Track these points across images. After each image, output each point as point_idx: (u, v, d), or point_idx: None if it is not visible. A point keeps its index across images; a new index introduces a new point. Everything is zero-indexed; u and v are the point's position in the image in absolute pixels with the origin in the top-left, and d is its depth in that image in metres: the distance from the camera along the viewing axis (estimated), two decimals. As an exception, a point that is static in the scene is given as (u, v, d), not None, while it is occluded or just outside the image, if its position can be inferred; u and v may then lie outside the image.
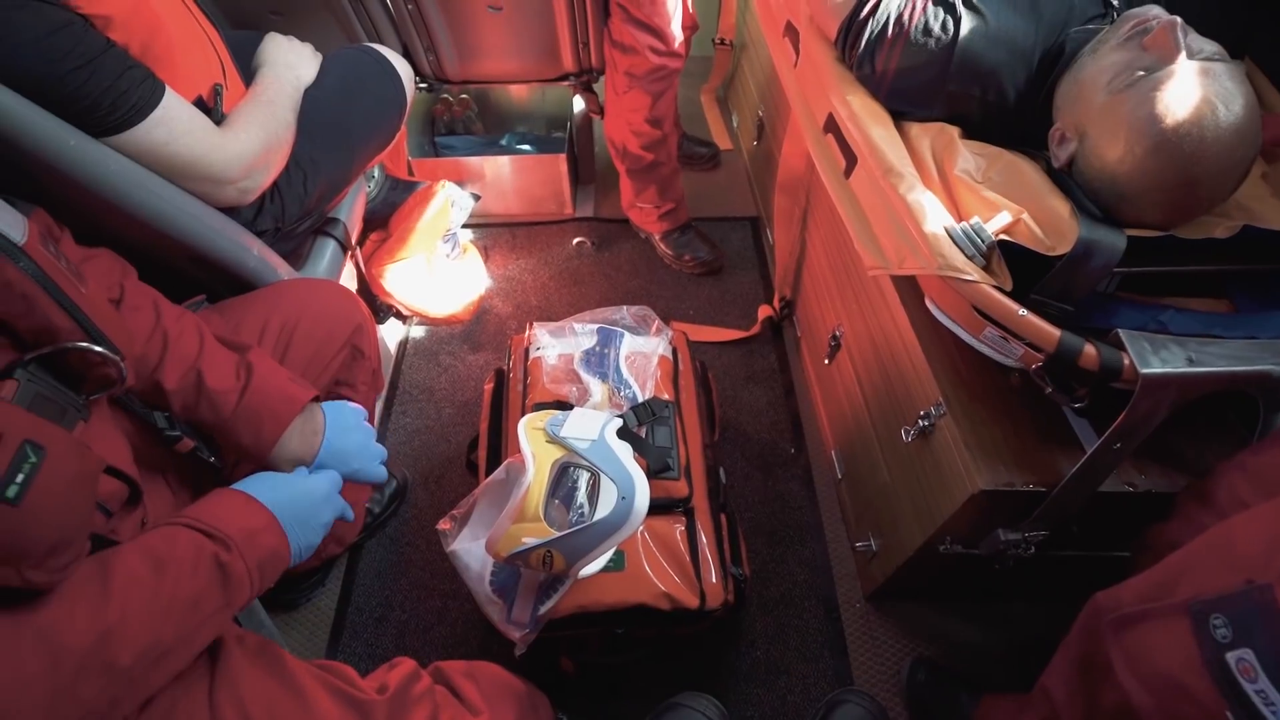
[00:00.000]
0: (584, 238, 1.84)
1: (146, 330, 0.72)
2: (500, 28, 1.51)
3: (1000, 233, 0.74)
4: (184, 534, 0.59)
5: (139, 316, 0.72)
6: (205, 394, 0.73)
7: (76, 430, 0.59)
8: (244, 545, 0.61)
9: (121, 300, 0.72)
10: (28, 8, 0.70)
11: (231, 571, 0.60)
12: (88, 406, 0.61)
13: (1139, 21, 0.77)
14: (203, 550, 0.59)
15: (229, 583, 0.59)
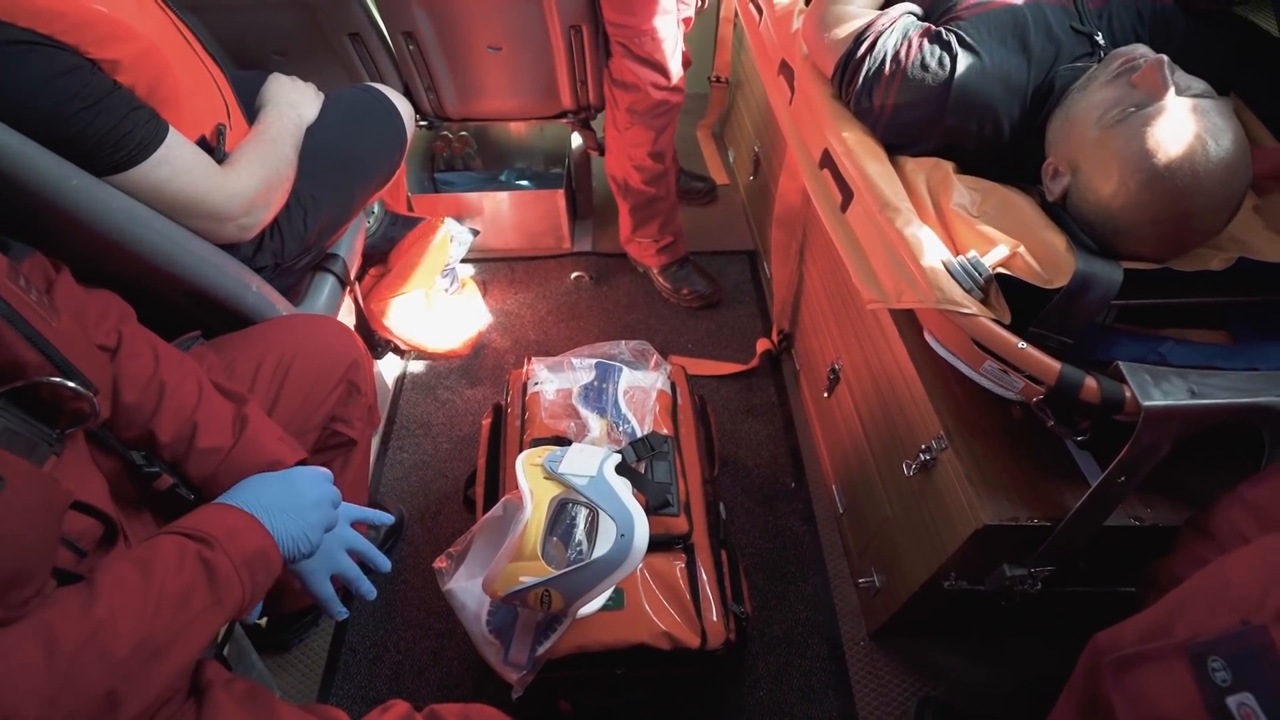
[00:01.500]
0: (582, 272, 1.85)
1: (144, 378, 0.71)
2: (500, 67, 1.54)
3: (997, 266, 0.75)
4: (166, 539, 0.58)
5: (137, 364, 0.71)
6: (195, 450, 0.73)
7: (47, 464, 0.58)
8: (227, 542, 0.60)
9: (120, 347, 0.71)
10: (38, 51, 0.71)
11: (217, 567, 0.58)
12: (62, 441, 0.60)
13: (1127, 59, 0.78)
14: (186, 549, 0.58)
15: (215, 578, 0.58)
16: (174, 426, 0.72)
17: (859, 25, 0.93)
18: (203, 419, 0.73)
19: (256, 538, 0.63)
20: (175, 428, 0.72)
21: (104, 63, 0.77)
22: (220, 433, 0.74)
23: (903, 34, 0.89)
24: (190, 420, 0.72)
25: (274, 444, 0.77)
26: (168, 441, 0.71)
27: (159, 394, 0.72)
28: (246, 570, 0.61)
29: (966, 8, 0.91)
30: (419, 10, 1.39)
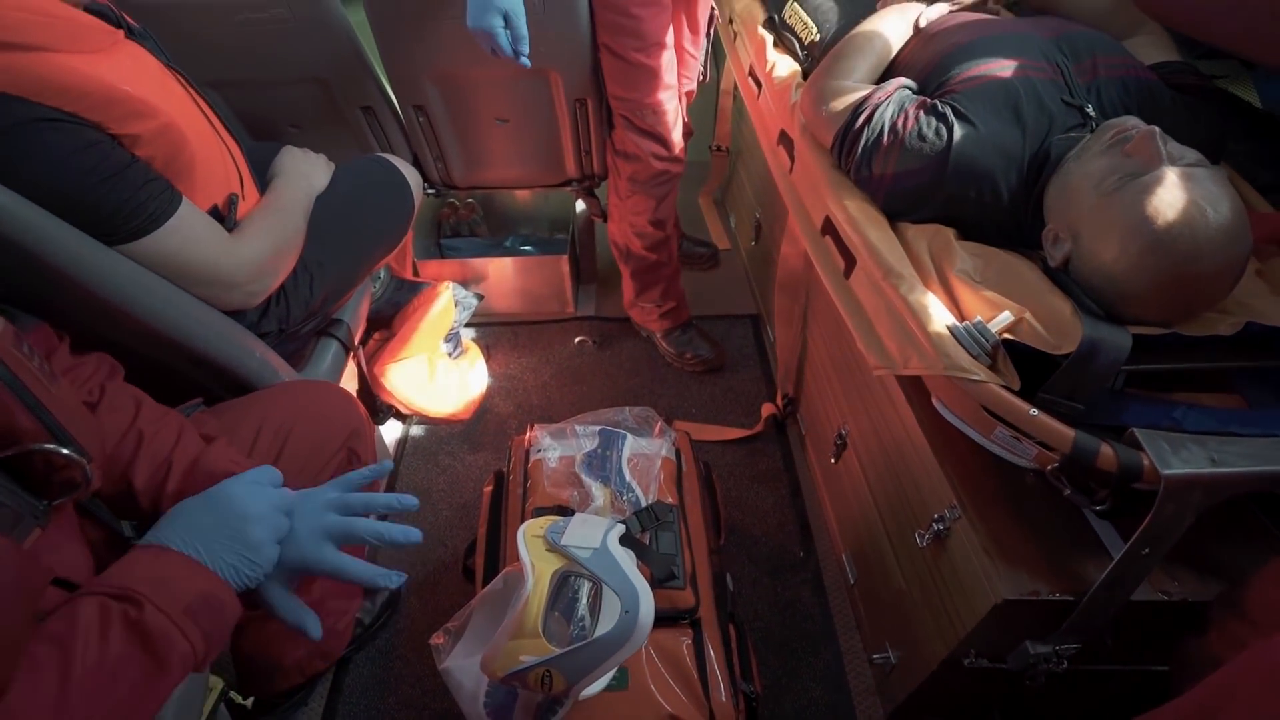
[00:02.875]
0: (585, 336, 1.86)
1: (122, 428, 0.70)
2: (507, 138, 1.58)
3: (1004, 331, 0.74)
4: (86, 603, 0.52)
5: (116, 416, 0.70)
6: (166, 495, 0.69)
7: (31, 538, 0.56)
8: (157, 594, 0.53)
9: (100, 400, 0.70)
10: (61, 128, 0.73)
11: (150, 627, 0.52)
12: (48, 513, 0.58)
13: (1119, 130, 0.80)
14: (109, 613, 0.52)
15: (150, 640, 0.52)
16: (149, 470, 0.69)
17: (856, 98, 0.96)
18: (178, 457, 0.71)
19: (195, 580, 0.57)
20: (150, 471, 0.69)
21: (124, 137, 0.79)
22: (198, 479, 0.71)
23: (899, 106, 0.92)
24: (166, 461, 0.70)
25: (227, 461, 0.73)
26: (143, 487, 0.69)
27: (137, 442, 0.70)
28: (189, 620, 0.54)
29: (959, 81, 0.94)
30: (430, 85, 1.44)
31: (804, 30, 1.32)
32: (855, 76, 1.03)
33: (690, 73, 1.61)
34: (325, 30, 1.27)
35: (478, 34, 1.13)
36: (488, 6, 1.09)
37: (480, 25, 1.11)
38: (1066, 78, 0.92)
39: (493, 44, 1.13)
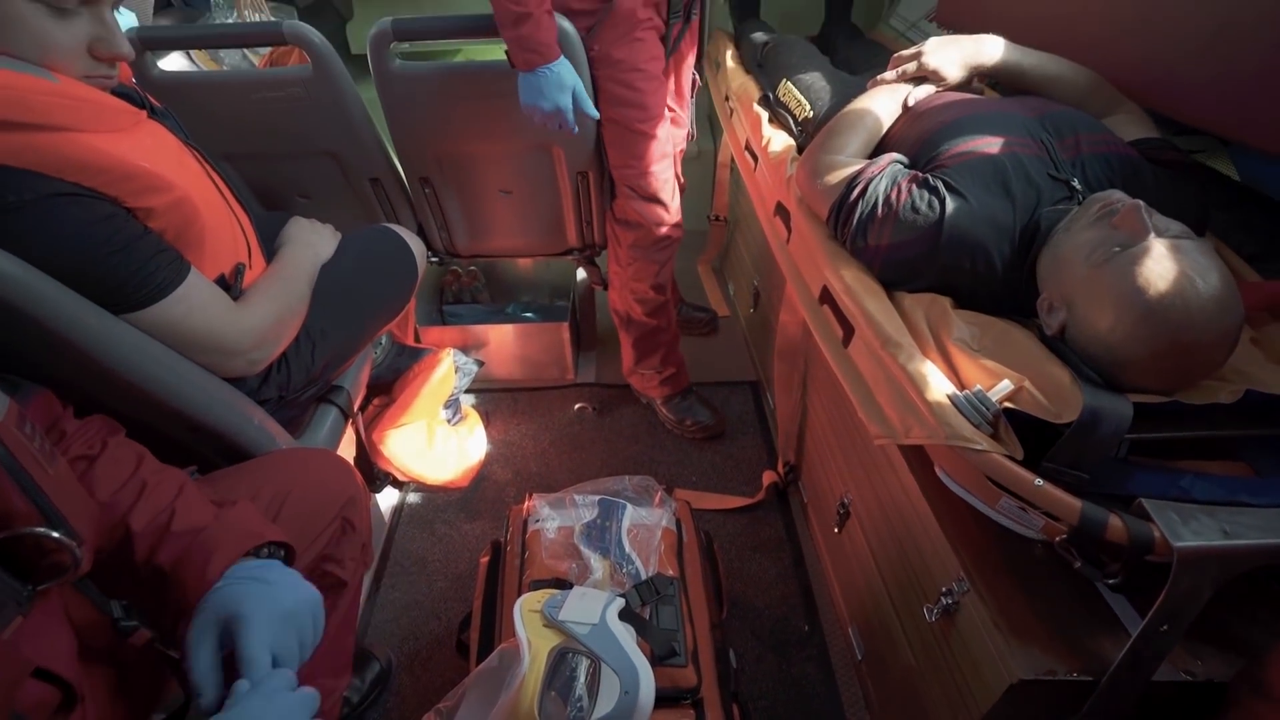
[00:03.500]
0: (585, 403, 1.86)
1: (124, 477, 0.69)
2: (510, 209, 1.62)
3: (1004, 401, 0.74)
4: None
5: (118, 468, 0.69)
6: (170, 534, 0.68)
7: (11, 627, 0.54)
8: None
9: (102, 453, 0.69)
10: (79, 202, 0.75)
11: None
12: (32, 599, 0.56)
13: (1105, 204, 0.82)
14: None
15: None
16: (149, 515, 0.67)
17: (850, 172, 0.99)
18: (181, 506, 0.69)
19: None
20: (150, 516, 0.68)
21: (139, 210, 0.81)
22: (200, 515, 0.70)
23: (892, 180, 0.95)
24: (169, 508, 0.69)
25: (256, 521, 0.72)
26: (141, 529, 0.67)
27: (139, 490, 0.69)
28: None
29: (949, 157, 0.97)
30: (436, 159, 1.49)
31: (798, 107, 1.37)
32: (848, 152, 1.06)
33: (681, 133, 1.67)
34: (338, 107, 1.33)
35: (547, 115, 1.21)
36: (561, 85, 1.19)
37: (557, 104, 1.20)
38: (1051, 154, 0.95)
39: (561, 120, 1.22)
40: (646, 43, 1.32)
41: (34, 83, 0.70)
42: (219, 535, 0.69)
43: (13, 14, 0.70)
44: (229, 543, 0.69)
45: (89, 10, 0.75)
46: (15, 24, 0.71)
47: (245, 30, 1.44)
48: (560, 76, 1.19)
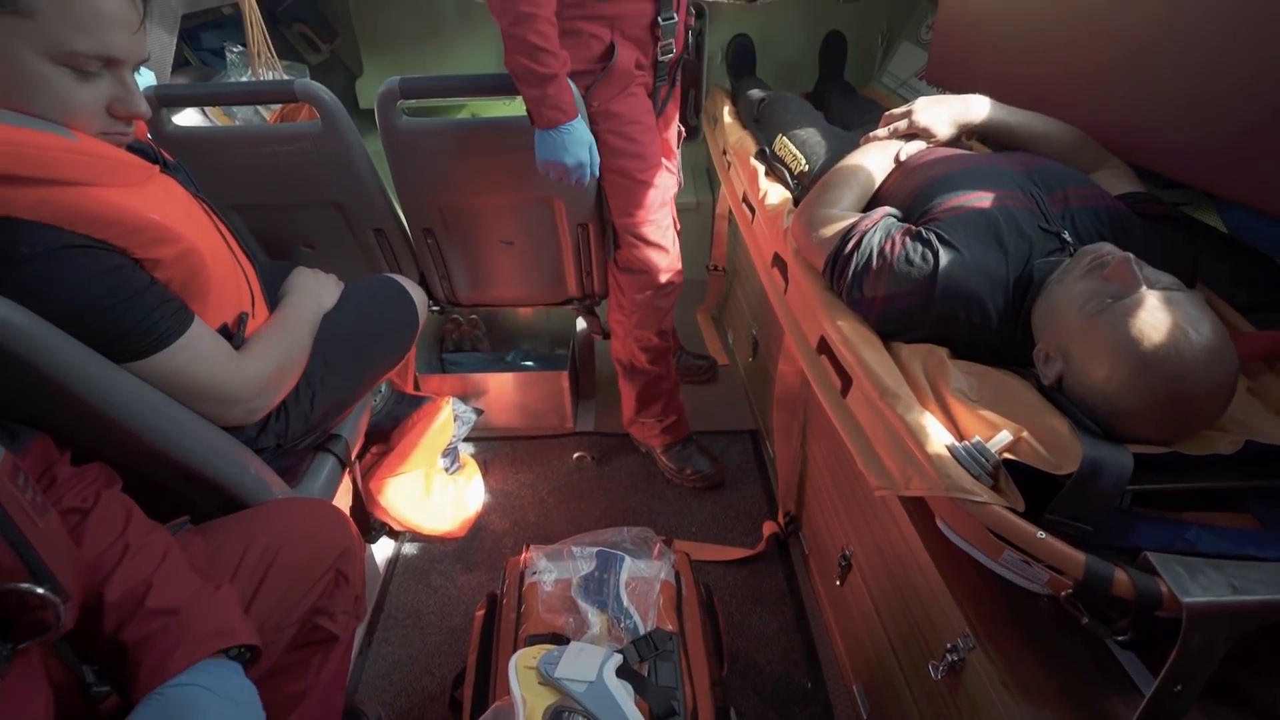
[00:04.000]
0: (584, 452, 1.85)
1: (111, 537, 0.68)
2: (511, 259, 1.65)
3: (1003, 451, 0.74)
4: None
5: (107, 525, 0.68)
6: (143, 610, 0.66)
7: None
8: None
9: (94, 508, 0.69)
10: (88, 253, 0.76)
11: None
12: (11, 659, 0.54)
13: (1095, 256, 0.84)
14: None
15: None
16: (125, 586, 0.66)
17: (845, 225, 1.01)
18: (160, 578, 0.67)
19: None
20: (127, 587, 0.66)
21: (146, 261, 0.82)
22: (177, 592, 0.68)
23: (885, 233, 0.96)
24: (146, 580, 0.67)
25: (231, 616, 0.70)
26: (114, 600, 0.65)
27: (121, 554, 0.67)
28: None
29: (941, 210, 0.99)
30: (440, 211, 1.52)
31: (793, 161, 1.41)
32: (843, 205, 1.09)
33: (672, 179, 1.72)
34: (345, 161, 1.36)
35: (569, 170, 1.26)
36: (582, 142, 1.24)
37: (580, 159, 1.25)
38: (1041, 207, 0.97)
39: (580, 175, 1.26)
40: (639, 97, 1.40)
41: (54, 141, 0.73)
42: (189, 625, 0.67)
43: (37, 76, 0.73)
44: (198, 637, 0.66)
45: (110, 72, 0.78)
46: (39, 85, 0.73)
47: (258, 88, 1.48)
48: (581, 133, 1.24)
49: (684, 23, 1.41)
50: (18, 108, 0.73)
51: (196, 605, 0.68)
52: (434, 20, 2.23)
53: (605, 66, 1.31)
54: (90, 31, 0.73)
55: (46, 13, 0.70)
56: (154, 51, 1.49)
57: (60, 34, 0.72)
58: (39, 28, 0.71)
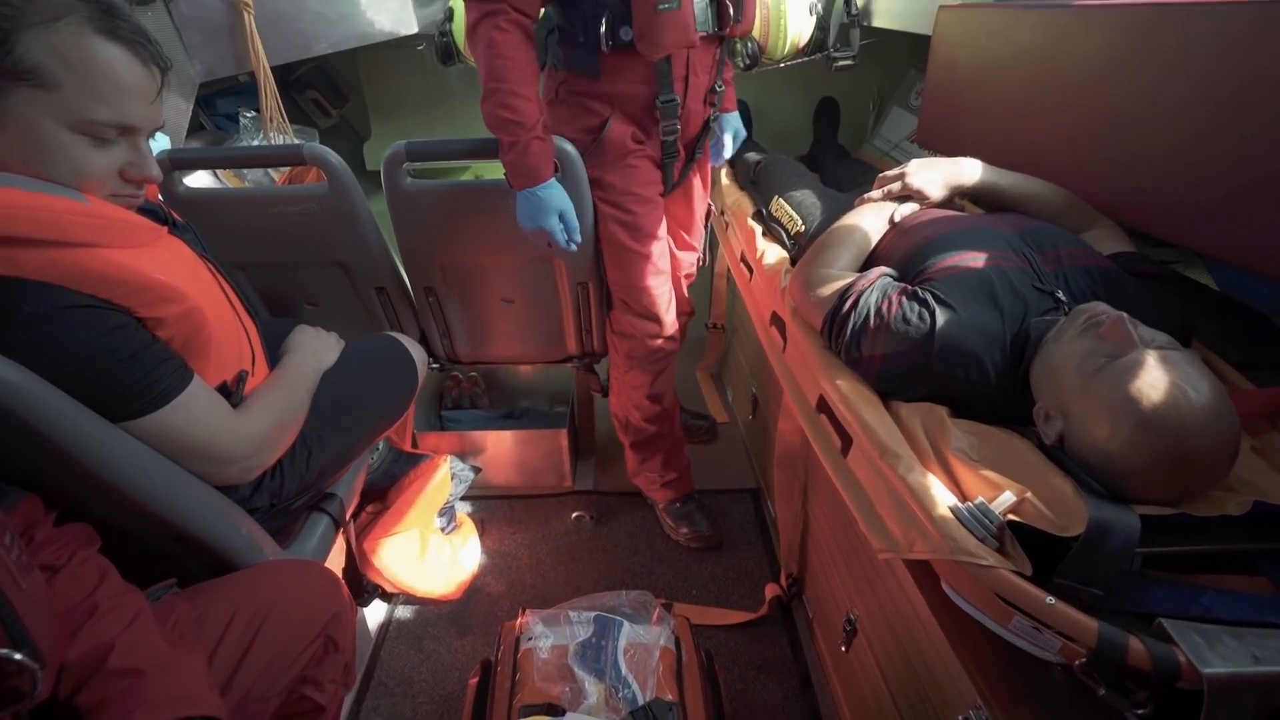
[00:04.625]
0: (583, 511, 1.82)
1: (78, 598, 0.66)
2: (511, 317, 1.66)
3: (1008, 513, 0.72)
4: None
5: (74, 585, 0.67)
6: (104, 670, 0.63)
7: None
8: None
9: (64, 567, 0.67)
10: (91, 313, 0.77)
11: None
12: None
13: (1090, 315, 0.84)
14: None
15: None
16: (87, 646, 0.63)
17: (842, 285, 1.02)
18: (124, 640, 0.65)
19: None
20: (89, 647, 0.63)
21: (149, 320, 0.83)
22: (142, 655, 0.65)
23: (882, 292, 0.97)
24: (110, 642, 0.64)
25: (193, 685, 0.66)
26: (75, 660, 0.62)
27: (88, 614, 0.65)
28: None
29: (936, 270, 1.00)
30: (442, 269, 1.54)
31: (790, 222, 1.44)
32: (839, 265, 1.10)
33: (689, 258, 1.73)
34: (350, 222, 1.39)
35: (536, 233, 1.27)
36: (547, 209, 1.24)
37: (541, 225, 1.26)
38: (1034, 266, 0.98)
39: (550, 240, 1.27)
40: (640, 169, 1.40)
41: (66, 205, 0.74)
42: (151, 689, 0.64)
43: (55, 142, 0.75)
44: (158, 702, 0.64)
45: (126, 139, 0.80)
46: (56, 152, 0.75)
47: (268, 152, 1.53)
48: (546, 200, 1.24)
49: (701, 103, 1.41)
50: (33, 173, 0.75)
51: (160, 669, 0.66)
52: (441, 87, 2.32)
53: (597, 139, 1.35)
54: (110, 102, 0.76)
55: (69, 85, 0.73)
56: (170, 117, 1.54)
57: (81, 104, 0.74)
58: (60, 98, 0.73)
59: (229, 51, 1.64)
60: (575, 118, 1.37)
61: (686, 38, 1.23)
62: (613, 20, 1.22)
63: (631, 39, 1.22)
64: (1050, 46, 1.25)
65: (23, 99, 0.72)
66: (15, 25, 0.70)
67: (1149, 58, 1.05)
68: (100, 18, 0.75)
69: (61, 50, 0.72)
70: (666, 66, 1.29)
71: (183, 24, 1.52)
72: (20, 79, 0.71)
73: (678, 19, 1.20)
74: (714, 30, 1.29)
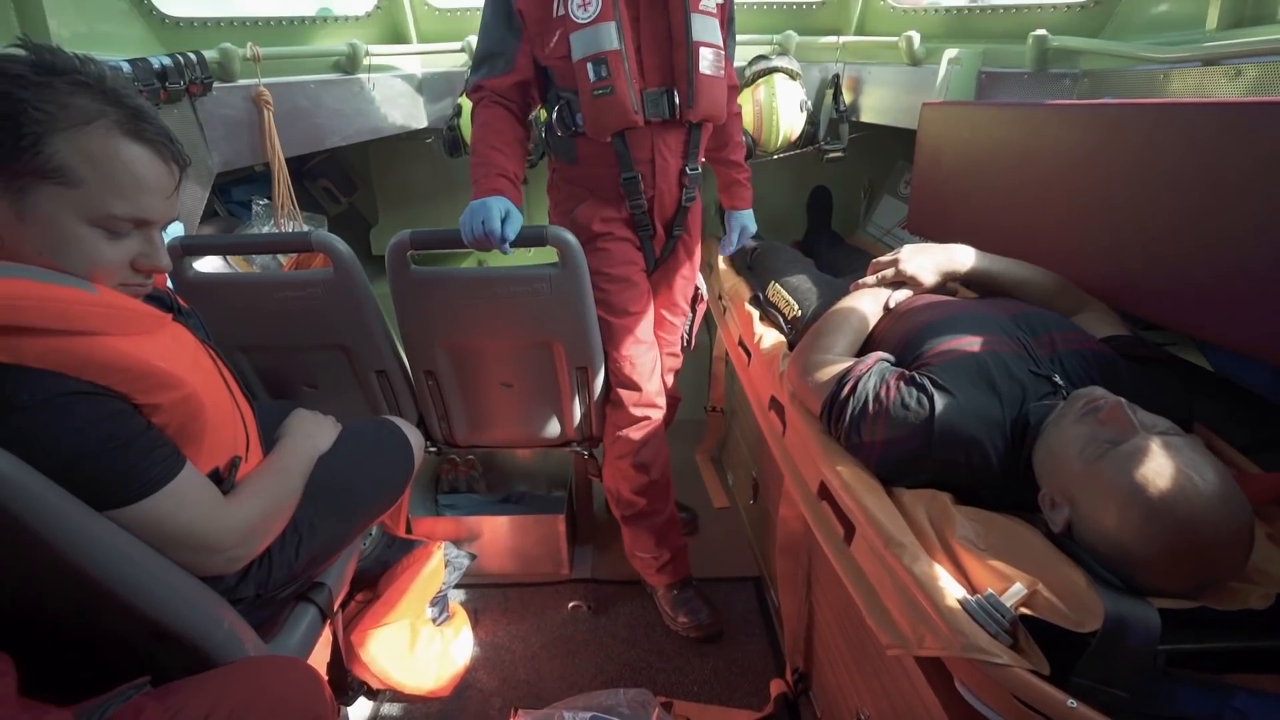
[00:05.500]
0: (579, 601, 1.75)
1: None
2: (510, 401, 1.66)
3: (1020, 606, 0.70)
4: None
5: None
6: None
7: None
8: None
9: None
10: (87, 400, 0.76)
11: None
12: None
13: (1088, 400, 0.84)
14: None
15: None
16: None
17: (839, 370, 1.02)
18: None
19: None
20: None
21: (145, 406, 0.82)
22: None
23: (880, 378, 0.97)
24: None
25: None
26: None
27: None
28: None
29: (932, 355, 1.01)
30: (442, 353, 1.55)
31: (787, 307, 1.46)
32: (837, 350, 1.11)
33: (672, 338, 1.77)
34: (354, 306, 1.41)
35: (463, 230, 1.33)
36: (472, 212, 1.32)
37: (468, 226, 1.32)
38: (1030, 351, 0.99)
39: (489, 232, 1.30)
40: (611, 251, 1.51)
41: (74, 294, 0.75)
42: None
43: (70, 235, 0.77)
44: None
45: (140, 231, 0.82)
46: (70, 243, 0.77)
47: (277, 240, 1.57)
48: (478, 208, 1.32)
49: (674, 185, 1.51)
50: (46, 262, 0.76)
51: None
52: (447, 176, 2.41)
53: (570, 222, 1.50)
54: (129, 198, 0.78)
55: (91, 182, 0.76)
56: (186, 204, 1.59)
57: (101, 200, 0.76)
58: (83, 195, 0.75)
59: (247, 144, 1.71)
60: (563, 201, 1.54)
61: (626, 119, 1.36)
62: (569, 107, 1.40)
63: (582, 123, 1.39)
64: (1028, 140, 1.31)
65: (46, 195, 0.74)
66: (47, 129, 0.73)
67: (1121, 152, 1.10)
68: (129, 121, 0.78)
69: (89, 151, 0.75)
70: (623, 146, 1.41)
71: (206, 120, 1.59)
72: (46, 177, 0.74)
73: (613, 102, 1.34)
74: (668, 116, 1.40)
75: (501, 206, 1.31)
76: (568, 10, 1.31)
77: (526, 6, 1.34)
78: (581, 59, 1.33)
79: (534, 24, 1.35)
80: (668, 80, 1.39)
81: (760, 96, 1.96)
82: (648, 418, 1.58)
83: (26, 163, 0.72)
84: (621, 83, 1.33)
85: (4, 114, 0.71)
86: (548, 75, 1.43)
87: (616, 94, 1.34)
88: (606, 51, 1.31)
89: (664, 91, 1.39)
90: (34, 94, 0.72)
